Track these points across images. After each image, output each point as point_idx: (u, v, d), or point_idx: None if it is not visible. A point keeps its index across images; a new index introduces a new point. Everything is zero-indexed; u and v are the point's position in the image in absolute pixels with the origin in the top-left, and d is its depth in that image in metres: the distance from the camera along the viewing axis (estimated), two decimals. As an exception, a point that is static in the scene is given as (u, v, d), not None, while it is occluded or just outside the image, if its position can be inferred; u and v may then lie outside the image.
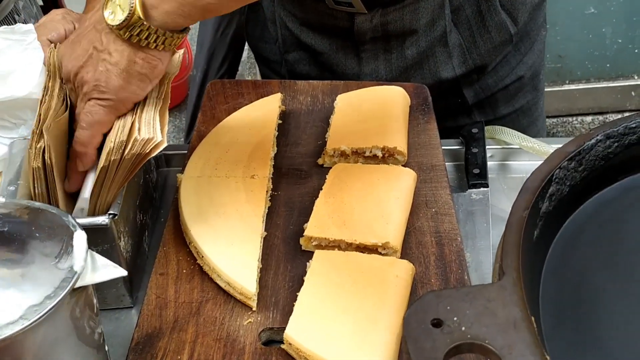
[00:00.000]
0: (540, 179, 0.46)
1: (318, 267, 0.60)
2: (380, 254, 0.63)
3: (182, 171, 0.71)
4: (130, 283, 0.63)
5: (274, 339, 0.58)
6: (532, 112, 0.96)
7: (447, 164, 0.78)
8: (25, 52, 0.61)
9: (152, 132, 0.57)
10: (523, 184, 0.46)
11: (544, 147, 0.78)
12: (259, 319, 0.58)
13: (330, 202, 0.66)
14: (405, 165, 0.73)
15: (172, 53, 0.58)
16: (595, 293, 0.44)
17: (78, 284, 0.45)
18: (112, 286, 0.62)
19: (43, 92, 0.58)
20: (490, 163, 0.82)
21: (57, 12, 0.67)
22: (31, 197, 0.59)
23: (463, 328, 0.36)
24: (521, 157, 0.83)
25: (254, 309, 0.59)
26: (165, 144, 0.57)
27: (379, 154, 0.73)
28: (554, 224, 0.48)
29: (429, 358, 0.35)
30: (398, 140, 0.73)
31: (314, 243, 0.64)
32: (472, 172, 0.76)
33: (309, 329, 0.55)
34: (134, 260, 0.64)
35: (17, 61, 0.61)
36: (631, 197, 0.51)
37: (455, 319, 0.37)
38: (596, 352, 0.42)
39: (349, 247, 0.63)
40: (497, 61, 0.89)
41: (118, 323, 0.63)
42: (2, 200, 0.53)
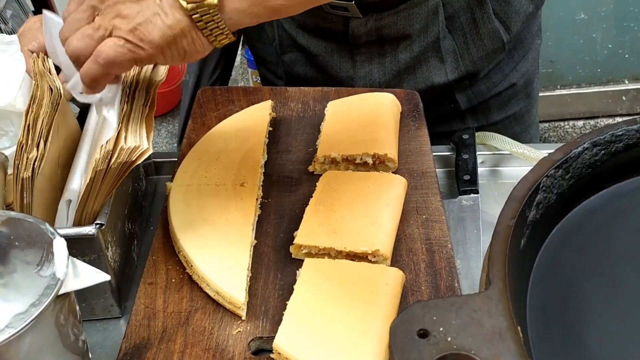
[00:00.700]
0: (527, 188, 0.46)
1: (308, 275, 0.60)
2: (370, 261, 0.63)
3: (171, 179, 0.70)
4: (118, 293, 0.63)
5: (264, 348, 0.58)
6: (524, 119, 0.97)
7: (438, 170, 0.78)
8: (7, 63, 0.61)
9: (139, 140, 0.57)
10: (510, 193, 0.46)
11: (534, 153, 0.78)
12: (249, 328, 0.58)
13: (320, 210, 0.66)
14: (395, 172, 0.73)
15: (210, 50, 0.57)
16: (582, 301, 0.44)
17: (61, 290, 0.45)
18: (100, 296, 0.61)
19: (30, 101, 0.58)
20: (481, 169, 0.82)
21: (35, 19, 0.66)
22: (3, 207, 0.58)
23: (449, 338, 0.36)
24: (512, 163, 0.83)
25: (244, 318, 0.59)
26: (151, 151, 0.57)
27: (370, 161, 0.73)
28: (541, 232, 0.48)
29: (415, 369, 0.35)
30: (388, 147, 0.73)
31: (304, 251, 0.64)
32: (462, 179, 0.76)
33: (299, 337, 0.55)
34: (123, 269, 0.64)
35: None
36: (618, 204, 0.51)
37: (441, 329, 0.36)
38: (584, 360, 0.42)
39: (339, 254, 0.63)
40: (490, 68, 0.90)
41: (106, 334, 0.62)
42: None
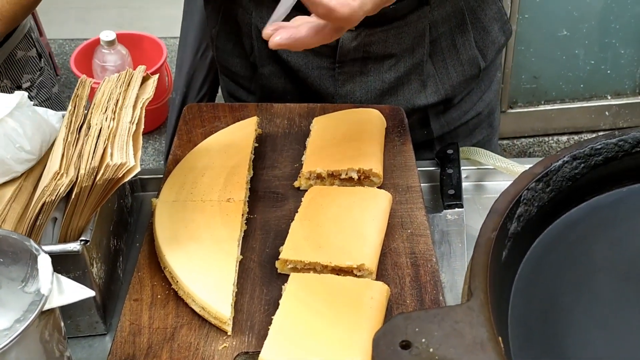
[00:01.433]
0: (508, 201, 0.46)
1: (293, 290, 0.60)
2: (355, 275, 0.63)
3: (157, 195, 0.71)
4: (103, 310, 0.62)
5: (249, 363, 0.58)
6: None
7: (423, 185, 0.79)
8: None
9: (125, 157, 0.57)
10: (492, 206, 0.47)
11: (517, 168, 0.79)
12: (234, 343, 0.58)
13: (305, 225, 0.67)
14: (381, 186, 0.74)
15: None
16: (562, 313, 0.45)
17: (46, 306, 0.45)
18: (85, 313, 0.61)
19: (67, 130, 0.59)
20: (466, 183, 0.83)
21: None
22: None
23: (431, 349, 0.37)
24: (496, 177, 0.84)
25: (229, 333, 0.59)
26: (139, 169, 0.57)
27: (355, 176, 0.73)
28: (522, 245, 0.48)
29: (398, 381, 0.35)
30: (373, 162, 0.74)
31: (289, 266, 0.64)
32: (447, 193, 0.77)
33: (284, 352, 0.55)
34: (108, 286, 0.64)
35: None
36: (598, 217, 0.52)
37: (423, 340, 0.37)
38: (565, 371, 0.43)
39: (325, 269, 0.63)
40: (462, 96, 0.92)
41: (91, 350, 0.62)
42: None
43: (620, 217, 0.52)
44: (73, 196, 0.56)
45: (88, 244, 0.58)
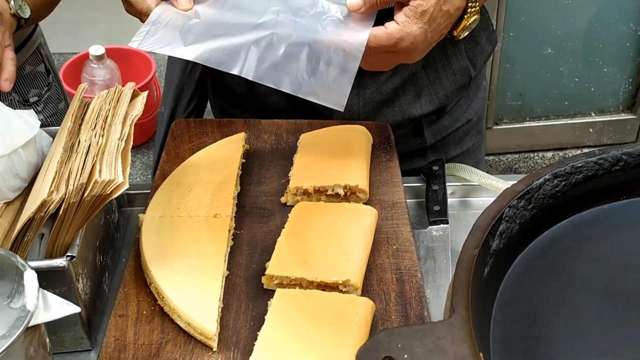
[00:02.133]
0: (490, 218, 0.47)
1: (279, 306, 0.60)
2: (341, 291, 0.63)
3: (144, 211, 0.71)
4: (88, 325, 0.62)
5: (235, 379, 0.58)
6: (476, 154, 1.03)
7: (409, 201, 0.80)
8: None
9: (114, 174, 0.57)
10: (474, 223, 0.47)
11: (502, 184, 0.80)
12: (220, 359, 0.58)
13: (291, 241, 0.67)
14: (367, 202, 0.75)
15: None
16: (543, 329, 0.45)
17: (32, 322, 0.45)
18: (70, 328, 0.61)
19: (63, 151, 0.60)
20: (451, 200, 0.84)
21: None
22: None
23: (413, 366, 0.37)
24: (481, 193, 0.85)
25: (215, 349, 0.59)
26: (127, 186, 0.58)
27: (341, 192, 0.74)
28: (504, 261, 0.49)
29: (381, 397, 0.35)
30: (360, 178, 0.75)
31: (275, 282, 0.64)
32: (432, 209, 0.78)
33: (269, 368, 0.55)
34: (93, 302, 0.64)
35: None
36: (579, 234, 0.53)
37: (406, 356, 0.37)
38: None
39: (310, 285, 0.64)
40: (453, 104, 0.93)
41: (76, 367, 0.62)
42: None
43: (600, 235, 0.53)
44: (60, 212, 0.56)
45: (74, 259, 0.58)
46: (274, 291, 0.63)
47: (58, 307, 0.47)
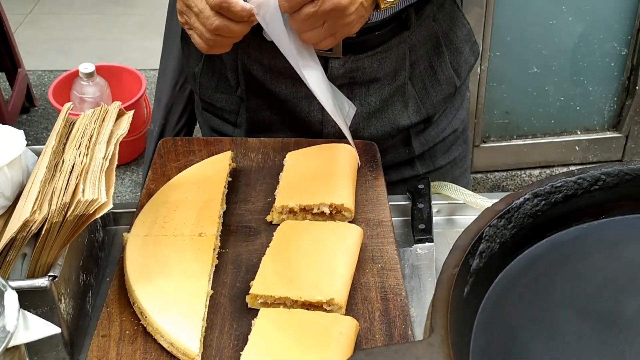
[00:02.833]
0: (471, 237, 0.48)
1: (262, 325, 0.60)
2: (325, 310, 0.63)
3: (130, 230, 0.71)
4: (71, 346, 0.62)
5: (218, 400, 0.57)
6: (462, 163, 1.04)
7: (394, 219, 0.80)
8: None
9: (97, 193, 0.57)
10: (454, 242, 0.48)
11: (486, 203, 0.81)
12: (203, 379, 0.58)
13: (276, 260, 0.67)
14: (352, 221, 0.75)
15: None
16: (522, 346, 0.46)
17: (11, 343, 0.45)
18: (52, 349, 0.60)
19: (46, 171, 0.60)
20: (437, 218, 0.84)
21: None
22: None
23: (392, 386, 0.37)
24: (467, 212, 0.85)
25: (198, 369, 0.59)
26: (111, 206, 0.58)
27: (327, 210, 0.74)
28: (485, 280, 0.49)
29: (359, 417, 0.36)
30: (345, 197, 0.75)
31: (259, 301, 0.64)
32: (417, 228, 0.78)
33: (252, 389, 0.55)
34: (76, 321, 0.63)
35: None
36: (559, 253, 0.53)
37: (384, 377, 0.37)
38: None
39: (295, 304, 0.64)
40: (440, 114, 0.95)
41: (58, 387, 0.61)
42: None
43: (580, 253, 0.54)
44: (43, 232, 0.56)
45: (56, 279, 0.57)
46: (258, 310, 0.63)
47: (38, 328, 0.47)
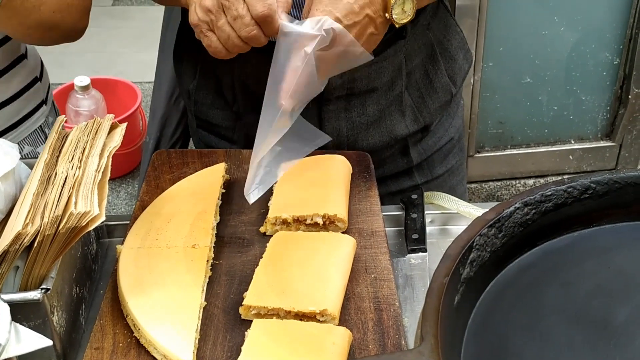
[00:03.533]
0: (461, 246, 0.48)
1: (256, 336, 0.60)
2: (318, 321, 0.63)
3: (123, 242, 0.71)
4: (64, 358, 0.62)
5: (211, 412, 0.57)
6: (459, 172, 1.05)
7: (388, 229, 0.80)
8: None
9: (89, 206, 0.57)
10: (445, 251, 0.48)
11: (479, 212, 0.81)
12: (196, 391, 0.58)
13: (270, 271, 0.67)
14: (346, 231, 0.75)
15: None
16: (513, 354, 0.46)
17: (3, 356, 0.45)
18: (44, 362, 0.60)
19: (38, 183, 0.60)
20: (431, 228, 0.84)
21: None
22: None
23: (383, 395, 0.37)
24: (460, 221, 0.86)
25: (191, 381, 0.58)
26: (103, 218, 0.58)
27: (320, 221, 0.75)
28: (475, 289, 0.50)
29: None
30: (338, 207, 0.75)
31: (253, 312, 0.64)
32: (411, 238, 0.78)
33: (245, 400, 0.55)
34: (69, 334, 0.63)
35: None
36: (550, 261, 0.54)
37: (375, 386, 0.38)
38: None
39: (288, 315, 0.64)
40: (436, 122, 0.96)
41: (51, 401, 0.61)
42: None
43: (570, 262, 0.54)
44: (35, 245, 0.56)
45: (49, 292, 0.57)
46: (251, 321, 0.63)
47: (30, 341, 0.47)
